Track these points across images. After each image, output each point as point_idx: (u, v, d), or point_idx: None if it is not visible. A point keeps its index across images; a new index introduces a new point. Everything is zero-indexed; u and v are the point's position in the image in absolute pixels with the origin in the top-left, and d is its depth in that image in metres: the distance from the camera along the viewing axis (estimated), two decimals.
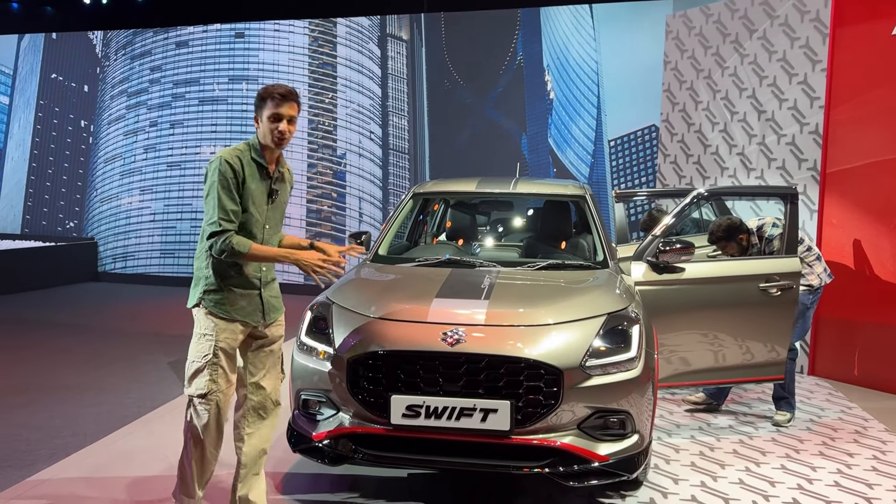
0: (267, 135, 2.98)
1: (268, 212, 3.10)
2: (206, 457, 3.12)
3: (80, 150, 12.19)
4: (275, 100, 2.95)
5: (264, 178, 3.06)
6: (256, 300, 3.11)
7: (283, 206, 3.22)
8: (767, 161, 6.46)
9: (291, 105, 2.98)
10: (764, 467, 4.05)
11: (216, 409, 3.03)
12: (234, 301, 3.04)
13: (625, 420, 3.23)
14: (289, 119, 2.98)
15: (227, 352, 3.05)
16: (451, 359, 3.17)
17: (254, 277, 3.09)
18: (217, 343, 3.01)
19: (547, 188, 4.97)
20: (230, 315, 3.03)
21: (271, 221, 3.13)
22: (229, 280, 3.03)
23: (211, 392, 3.01)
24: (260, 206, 3.05)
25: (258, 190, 3.03)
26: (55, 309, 9.44)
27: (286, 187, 3.23)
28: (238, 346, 3.12)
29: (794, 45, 6.28)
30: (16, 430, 4.56)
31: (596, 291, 3.68)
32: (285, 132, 2.98)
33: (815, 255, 4.92)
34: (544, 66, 9.85)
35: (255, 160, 3.03)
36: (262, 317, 3.13)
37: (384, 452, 3.27)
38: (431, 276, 3.87)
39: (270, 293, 3.20)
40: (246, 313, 3.07)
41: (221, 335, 3.02)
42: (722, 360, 4.45)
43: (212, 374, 3.00)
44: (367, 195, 10.75)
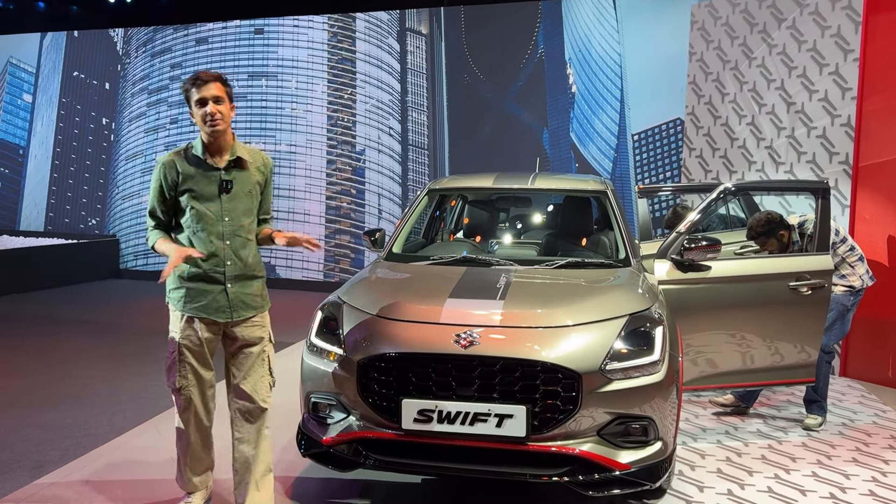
0: (199, 122, 2.98)
1: (224, 203, 3.05)
2: (193, 447, 3.18)
3: (101, 147, 12.23)
4: (196, 85, 2.96)
5: (210, 171, 3.03)
6: (220, 297, 3.06)
7: (245, 195, 3.11)
8: (797, 155, 6.24)
9: (215, 85, 2.96)
10: (794, 474, 3.88)
11: (190, 402, 3.11)
12: (194, 297, 3.04)
13: (647, 426, 3.08)
14: (214, 99, 2.95)
15: (192, 348, 3.08)
16: (465, 361, 3.04)
17: (215, 272, 3.04)
18: (181, 341, 3.07)
19: (567, 183, 4.81)
20: (191, 311, 3.05)
21: (232, 213, 3.07)
22: (188, 276, 3.04)
23: (182, 387, 3.10)
24: (208, 200, 3.03)
25: (202, 185, 3.02)
26: (76, 306, 9.46)
27: (248, 174, 3.12)
28: (210, 343, 3.11)
29: (825, 34, 6.05)
30: (27, 430, 4.51)
31: (617, 291, 3.53)
32: (215, 113, 2.94)
33: (857, 256, 4.69)
34: (566, 59, 9.66)
35: (195, 156, 3.03)
36: (229, 314, 3.07)
37: (395, 458, 3.16)
38: (445, 276, 3.74)
39: (242, 289, 3.11)
40: (210, 310, 3.05)
41: (183, 332, 3.07)
42: (750, 362, 4.27)
43: (180, 370, 3.08)
44: (386, 191, 10.64)
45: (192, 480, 3.30)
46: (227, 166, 3.07)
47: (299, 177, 10.93)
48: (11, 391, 5.35)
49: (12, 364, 6.20)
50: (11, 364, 6.20)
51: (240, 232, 3.10)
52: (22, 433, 4.46)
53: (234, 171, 3.09)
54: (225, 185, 3.06)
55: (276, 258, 11.06)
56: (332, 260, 10.87)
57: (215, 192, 3.04)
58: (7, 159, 12.91)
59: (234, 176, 3.08)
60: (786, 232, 4.61)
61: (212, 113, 2.94)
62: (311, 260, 10.93)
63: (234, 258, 3.09)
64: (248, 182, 3.13)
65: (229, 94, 3.04)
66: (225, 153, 3.07)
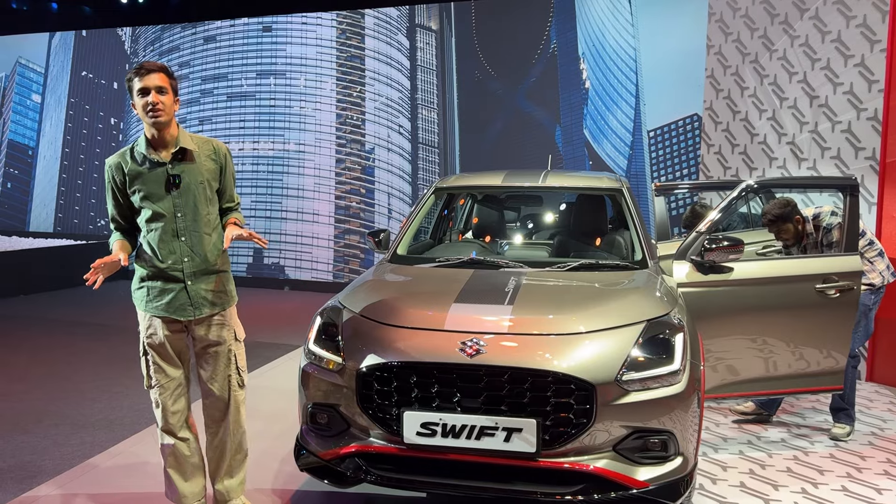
0: (141, 114, 2.88)
1: (175, 199, 2.96)
2: (176, 447, 3.11)
3: (110, 147, 12.13)
4: (140, 75, 2.86)
5: (155, 168, 2.94)
6: (181, 294, 2.99)
7: (197, 187, 3.00)
8: (820, 150, 5.99)
9: (157, 75, 2.86)
10: (822, 489, 3.65)
11: (161, 400, 3.07)
12: (155, 297, 3.00)
13: (667, 441, 2.87)
14: (157, 90, 2.85)
15: (156, 347, 3.03)
16: (471, 371, 2.84)
17: (173, 270, 2.98)
18: (145, 340, 3.05)
19: (580, 181, 4.60)
20: (153, 311, 3.00)
21: (184, 208, 2.98)
22: (146, 275, 3.01)
23: (152, 386, 3.07)
24: (158, 198, 2.94)
25: (150, 183, 2.93)
26: (82, 308, 9.35)
27: (196, 166, 3.01)
28: (175, 342, 3.06)
29: (850, 24, 5.79)
30: (23, 438, 4.37)
31: (634, 295, 3.32)
32: (157, 103, 2.85)
33: (877, 251, 4.45)
34: (579, 53, 9.43)
35: (140, 153, 2.94)
36: (191, 312, 3.01)
37: (397, 474, 2.96)
38: (451, 279, 3.54)
39: (202, 286, 3.04)
40: (171, 309, 2.99)
41: (147, 331, 3.04)
42: (774, 369, 4.04)
43: (147, 370, 3.07)
44: (395, 190, 10.46)
45: (182, 491, 3.16)
46: (173, 159, 2.96)
47: (308, 176, 10.78)
48: (9, 397, 5.22)
49: (11, 368, 6.07)
50: (10, 368, 6.07)
51: (195, 227, 3.01)
52: (17, 441, 4.32)
53: (181, 165, 2.98)
54: (173, 180, 2.95)
55: (284, 259, 10.91)
56: (342, 260, 10.71)
57: (163, 188, 2.95)
58: (16, 160, 12.86)
59: (181, 169, 2.97)
60: (801, 218, 4.42)
61: (154, 103, 2.84)
62: (320, 261, 10.77)
63: (191, 254, 3.01)
64: (198, 173, 3.01)
65: (174, 87, 2.95)
66: (170, 147, 2.96)
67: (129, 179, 2.94)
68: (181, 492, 3.17)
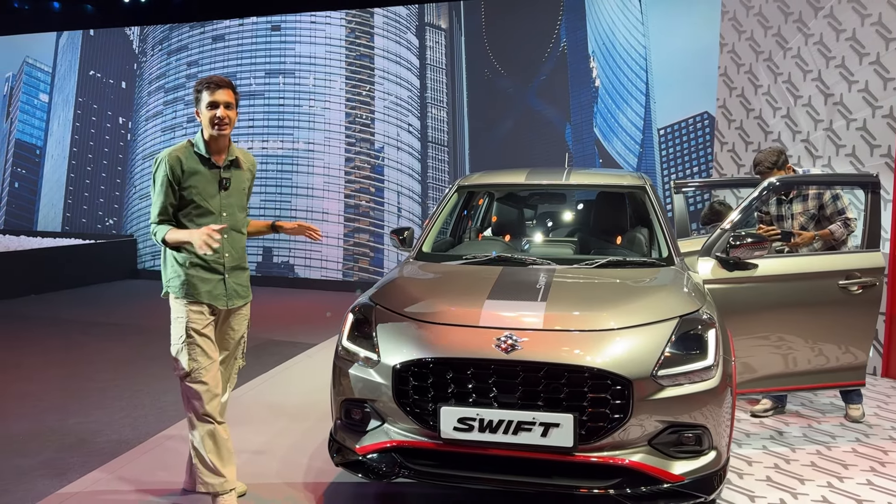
0: (207, 123, 3.17)
1: (222, 199, 3.27)
2: (216, 431, 3.21)
3: (118, 146, 12.16)
4: (210, 89, 3.15)
5: (211, 169, 3.24)
6: (219, 285, 3.27)
7: (240, 191, 3.36)
8: (835, 148, 6.02)
9: (226, 91, 3.18)
10: (848, 482, 3.68)
11: (204, 385, 3.18)
12: (196, 285, 3.21)
13: (701, 436, 2.90)
14: (225, 105, 3.16)
15: (200, 331, 3.20)
16: (507, 367, 2.87)
17: (216, 263, 3.25)
18: (189, 324, 3.19)
19: (604, 179, 4.62)
20: (195, 298, 3.20)
21: (229, 209, 3.29)
22: (190, 264, 3.21)
23: (193, 370, 3.18)
24: (209, 195, 3.23)
25: (204, 181, 3.22)
26: (93, 307, 9.38)
27: (242, 173, 3.37)
28: (211, 326, 3.26)
29: (865, 22, 5.82)
30: (48, 435, 4.40)
31: (664, 292, 3.35)
32: (224, 117, 3.16)
33: None
34: (589, 52, 9.46)
35: (197, 154, 3.22)
36: (225, 301, 3.28)
37: (433, 469, 2.99)
38: (481, 276, 3.57)
39: (236, 280, 3.33)
40: (212, 296, 3.24)
41: (191, 316, 3.20)
42: (799, 364, 4.08)
43: (190, 353, 3.18)
44: (405, 189, 10.48)
45: (220, 470, 3.21)
46: (226, 165, 3.29)
47: (317, 175, 10.81)
48: (31, 395, 5.25)
49: (30, 367, 6.10)
50: (29, 367, 6.10)
51: (235, 226, 3.33)
52: (43, 439, 4.35)
53: (231, 170, 3.31)
54: (224, 183, 3.28)
55: (294, 258, 10.94)
56: (351, 259, 10.74)
57: (216, 188, 3.25)
58: (24, 159, 12.88)
59: (231, 174, 3.31)
60: (792, 168, 4.57)
61: (221, 117, 3.15)
62: (330, 259, 10.80)
63: (231, 250, 3.31)
64: (241, 180, 3.37)
65: (237, 101, 3.27)
66: (224, 153, 3.29)
67: (185, 175, 3.19)
68: (222, 476, 3.21)
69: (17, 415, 4.81)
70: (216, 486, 3.22)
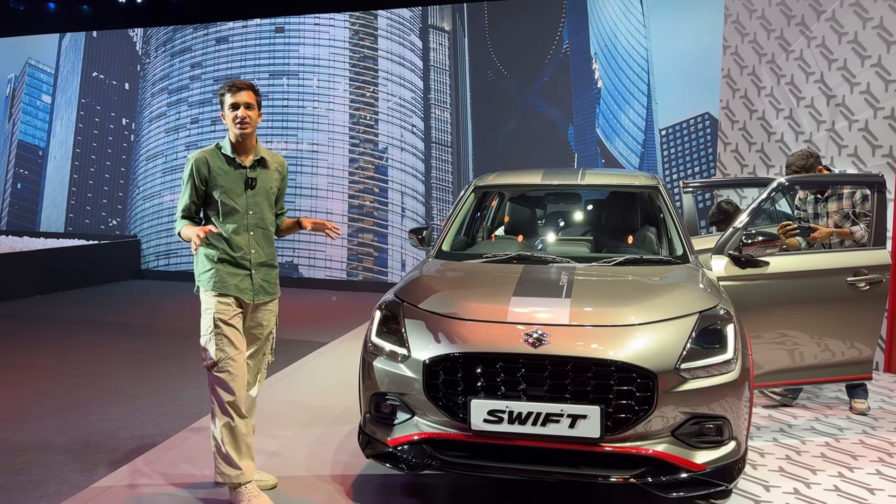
0: (230, 124, 3.33)
1: (248, 198, 3.40)
2: (236, 425, 3.31)
3: (121, 147, 12.21)
4: (231, 91, 3.32)
5: (238, 169, 3.38)
6: (246, 280, 3.39)
7: (267, 191, 3.47)
8: (838, 148, 6.15)
9: (247, 93, 3.33)
10: (858, 472, 3.81)
11: (230, 375, 3.29)
12: (224, 279, 3.34)
13: (722, 426, 3.02)
14: (245, 105, 3.31)
15: (227, 322, 3.32)
16: (535, 361, 2.98)
17: (242, 259, 3.38)
18: (216, 315, 3.31)
19: (618, 179, 4.74)
20: (222, 289, 3.33)
21: (255, 207, 3.42)
22: (219, 260, 3.35)
23: (220, 360, 3.29)
24: (236, 195, 3.37)
25: (231, 181, 3.36)
26: (100, 307, 9.45)
27: (269, 173, 3.48)
28: (239, 318, 3.38)
29: (867, 25, 5.96)
30: (73, 432, 4.48)
31: (683, 288, 3.46)
32: (245, 117, 3.31)
33: None
34: (591, 54, 9.58)
35: (224, 155, 3.38)
36: (251, 296, 3.40)
37: (463, 459, 3.10)
38: (504, 273, 3.68)
39: (263, 277, 3.45)
40: (239, 290, 3.36)
41: (219, 307, 3.32)
42: (810, 358, 4.21)
43: (218, 343, 3.29)
44: (409, 189, 10.58)
45: (236, 463, 3.30)
46: (252, 165, 3.42)
47: (322, 175, 10.89)
48: (50, 394, 5.32)
49: (46, 367, 6.17)
50: (45, 367, 6.17)
51: (262, 224, 3.45)
52: (68, 436, 4.43)
53: (257, 170, 3.44)
54: (250, 182, 3.41)
55: (298, 257, 11.02)
56: (356, 259, 10.83)
57: (242, 187, 3.39)
58: (27, 160, 12.91)
59: (257, 174, 3.44)
60: (822, 168, 4.71)
61: (242, 117, 3.30)
62: (334, 259, 10.89)
63: (258, 247, 3.43)
64: (268, 180, 3.48)
65: (258, 102, 3.40)
66: (250, 153, 3.43)
67: (212, 175, 3.35)
68: (238, 468, 3.29)
69: (39, 413, 4.89)
70: (232, 478, 3.31)
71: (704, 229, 6.82)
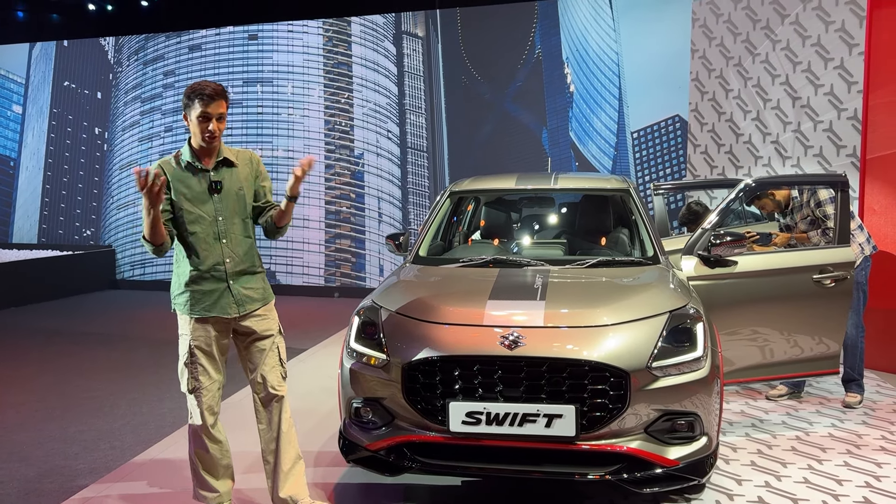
0: (197, 135, 3.08)
1: (215, 203, 3.15)
2: (208, 450, 3.21)
3: (94, 157, 12.12)
4: (203, 99, 3.02)
5: (199, 174, 3.13)
6: (225, 294, 3.15)
7: (236, 193, 3.20)
8: (804, 148, 6.31)
9: (220, 103, 3.06)
10: (827, 465, 3.92)
11: (203, 404, 3.15)
12: (199, 299, 3.13)
13: (693, 422, 3.10)
14: (217, 117, 3.06)
15: (204, 349, 3.15)
16: (512, 363, 3.05)
17: (216, 272, 3.14)
18: (192, 341, 3.13)
19: (590, 182, 4.83)
20: (199, 313, 3.12)
21: (225, 212, 3.16)
22: (190, 279, 3.12)
23: (195, 389, 3.15)
24: (200, 201, 3.12)
25: (194, 187, 3.12)
26: (75, 318, 9.37)
27: (236, 171, 3.21)
28: (220, 342, 3.19)
29: (830, 28, 6.12)
30: (51, 444, 4.47)
31: (654, 289, 3.55)
32: (215, 131, 3.06)
33: (856, 225, 4.89)
34: (563, 58, 9.70)
35: (186, 161, 3.13)
36: (236, 308, 3.16)
37: (442, 461, 3.15)
38: (480, 277, 3.75)
39: (243, 285, 3.20)
40: (217, 308, 3.13)
41: (194, 333, 3.14)
42: (780, 354, 4.31)
43: (192, 372, 3.14)
44: (385, 195, 10.63)
45: (213, 486, 3.27)
46: (216, 167, 3.17)
47: None
48: (28, 406, 5.29)
49: (22, 378, 6.13)
50: (21, 378, 6.13)
51: (234, 230, 3.19)
52: (46, 447, 4.41)
53: (221, 171, 3.18)
54: (214, 186, 3.15)
55: (275, 264, 11.01)
56: (333, 265, 10.84)
57: (206, 192, 3.14)
58: None
59: (222, 175, 3.18)
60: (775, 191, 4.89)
61: (213, 131, 3.06)
62: (312, 265, 10.89)
63: (232, 255, 3.17)
64: (236, 180, 3.21)
65: (227, 106, 3.15)
66: (213, 155, 3.17)
67: (173, 184, 3.10)
68: (215, 491, 3.27)
69: (16, 424, 4.87)
70: (209, 499, 3.30)
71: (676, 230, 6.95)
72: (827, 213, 4.70)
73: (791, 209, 4.99)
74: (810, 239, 4.81)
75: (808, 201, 4.85)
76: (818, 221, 4.80)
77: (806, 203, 4.88)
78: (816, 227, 4.83)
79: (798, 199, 4.89)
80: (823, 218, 4.73)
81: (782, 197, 4.95)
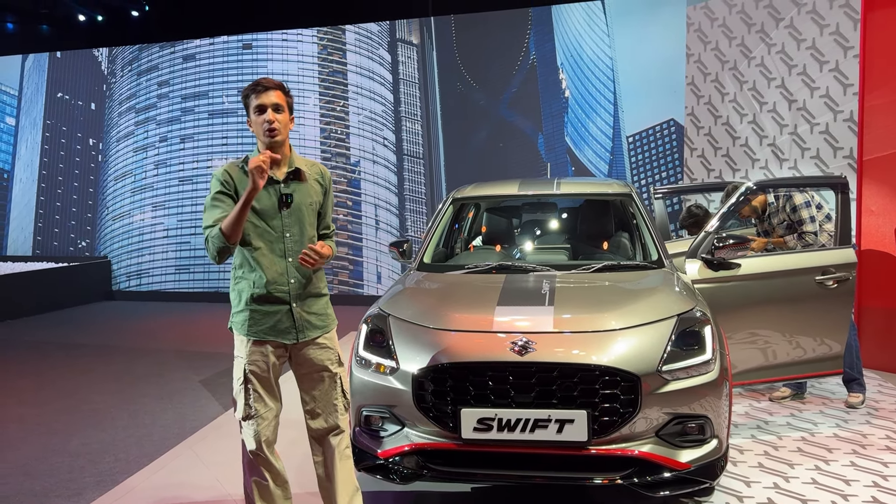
0: (258, 130, 2.83)
1: (284, 219, 2.87)
2: (264, 480, 2.95)
3: (89, 168, 12.08)
4: (256, 91, 2.83)
5: (269, 185, 2.84)
6: (286, 317, 2.88)
7: (306, 208, 2.92)
8: (801, 151, 6.35)
9: (275, 93, 2.83)
10: (834, 465, 3.94)
11: (258, 433, 2.89)
12: (258, 320, 2.86)
13: (704, 425, 3.11)
14: (274, 107, 2.81)
15: (259, 374, 2.89)
16: (522, 369, 3.05)
17: (278, 292, 2.86)
18: (247, 366, 2.87)
19: (592, 188, 4.85)
20: (256, 335, 2.86)
21: (293, 228, 2.89)
22: (250, 298, 2.86)
23: (249, 416, 2.89)
24: (269, 216, 2.85)
25: (262, 199, 2.83)
26: (72, 330, 9.33)
27: (307, 186, 2.94)
28: (276, 368, 2.93)
29: (824, 31, 6.17)
30: (56, 458, 4.44)
31: (660, 292, 3.56)
32: (273, 121, 2.80)
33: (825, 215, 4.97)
34: (558, 64, 9.75)
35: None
36: (295, 335, 2.90)
37: (455, 468, 3.15)
38: (486, 284, 3.75)
39: (307, 308, 2.93)
40: (276, 332, 2.87)
41: (251, 357, 2.87)
42: (783, 356, 4.34)
43: (247, 399, 2.88)
44: (382, 202, 10.63)
45: None
46: (286, 178, 2.89)
47: None
48: (29, 420, 5.26)
49: (22, 391, 6.09)
50: (21, 391, 6.09)
51: (302, 248, 2.88)
52: (50, 461, 4.38)
53: (293, 184, 2.91)
54: (285, 199, 2.87)
55: None
56: (330, 272, 10.83)
57: (275, 206, 2.86)
58: None
59: (293, 189, 2.90)
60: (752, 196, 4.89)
61: (271, 121, 2.79)
62: None
63: (298, 276, 2.90)
64: (307, 195, 2.95)
65: (290, 105, 2.91)
66: (283, 165, 2.90)
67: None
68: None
69: (20, 438, 4.83)
70: None
71: (675, 233, 6.98)
72: (802, 218, 4.79)
73: (768, 214, 5.07)
74: (787, 243, 4.91)
75: (783, 206, 4.94)
76: (794, 226, 4.87)
77: (782, 208, 4.97)
78: (793, 231, 4.90)
79: (774, 204, 4.99)
80: (798, 223, 4.81)
81: (759, 203, 5.03)
